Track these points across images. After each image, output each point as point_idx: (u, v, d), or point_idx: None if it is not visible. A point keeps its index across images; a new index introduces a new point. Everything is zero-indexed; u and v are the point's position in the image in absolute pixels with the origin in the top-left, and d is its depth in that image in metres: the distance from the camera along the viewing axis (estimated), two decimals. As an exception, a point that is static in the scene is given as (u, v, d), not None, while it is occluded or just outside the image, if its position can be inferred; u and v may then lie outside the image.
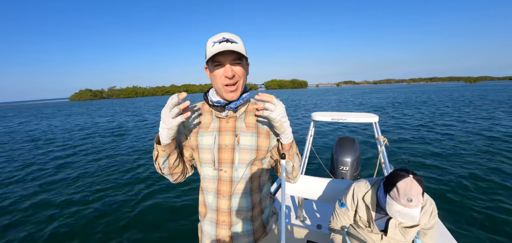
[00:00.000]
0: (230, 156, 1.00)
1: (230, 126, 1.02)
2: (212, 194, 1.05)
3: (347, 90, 75.75)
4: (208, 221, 1.08)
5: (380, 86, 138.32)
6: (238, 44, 0.93)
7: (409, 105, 18.89)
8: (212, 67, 0.94)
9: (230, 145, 1.00)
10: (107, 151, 8.27)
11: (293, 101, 29.53)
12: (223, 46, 0.88)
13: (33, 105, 74.78)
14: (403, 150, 6.74)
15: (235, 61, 0.93)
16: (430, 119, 11.59)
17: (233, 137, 1.01)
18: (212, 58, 0.91)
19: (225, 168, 1.00)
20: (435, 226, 1.35)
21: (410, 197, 1.11)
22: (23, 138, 11.96)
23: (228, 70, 0.91)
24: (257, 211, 1.09)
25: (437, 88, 58.33)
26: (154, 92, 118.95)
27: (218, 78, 0.93)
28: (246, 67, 1.01)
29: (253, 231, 1.08)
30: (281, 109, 0.92)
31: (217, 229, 1.05)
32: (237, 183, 1.02)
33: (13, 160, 7.58)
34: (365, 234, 1.42)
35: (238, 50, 0.90)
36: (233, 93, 0.96)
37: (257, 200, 1.08)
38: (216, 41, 0.91)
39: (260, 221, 1.10)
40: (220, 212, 1.04)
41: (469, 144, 7.00)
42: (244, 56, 0.95)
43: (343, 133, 9.25)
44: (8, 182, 5.65)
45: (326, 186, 1.89)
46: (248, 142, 1.00)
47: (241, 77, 0.96)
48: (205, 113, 1.06)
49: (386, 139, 2.52)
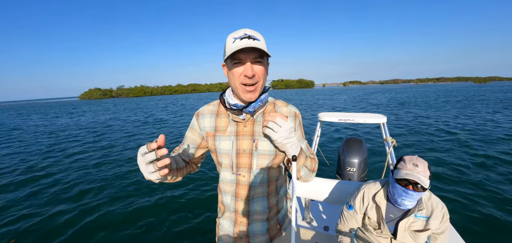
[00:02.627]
0: (248, 161, 0.99)
1: (247, 130, 0.99)
2: (230, 196, 1.05)
3: (355, 90, 74.79)
4: (227, 219, 1.09)
5: (388, 86, 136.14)
6: (261, 41, 0.87)
7: (432, 106, 17.97)
8: (231, 65, 0.89)
9: (248, 150, 0.99)
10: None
11: (306, 101, 29.35)
12: (245, 43, 0.83)
13: (48, 103, 76.77)
14: (413, 152, 6.61)
15: (256, 60, 0.88)
16: (448, 120, 11.21)
17: (251, 141, 0.99)
18: (232, 55, 0.86)
19: (243, 172, 1.00)
20: (446, 231, 1.33)
21: (415, 162, 1.21)
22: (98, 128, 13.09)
23: (248, 70, 0.86)
24: (274, 212, 1.09)
25: (451, 88, 56.75)
26: (162, 92, 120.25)
27: (237, 77, 0.89)
28: (266, 66, 0.96)
29: (269, 230, 1.08)
30: (283, 132, 0.87)
31: (235, 227, 1.07)
32: (255, 188, 1.01)
33: (114, 146, 8.74)
34: (374, 237, 1.41)
35: (260, 47, 0.84)
36: (251, 93, 0.91)
37: (274, 202, 1.08)
38: (237, 37, 0.86)
39: (276, 220, 1.11)
40: (238, 214, 1.05)
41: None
42: (266, 55, 0.90)
43: (357, 134, 9.12)
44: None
45: (333, 187, 1.87)
46: (266, 147, 0.99)
47: (261, 78, 0.91)
48: (221, 115, 1.03)
49: (395, 140, 2.48)
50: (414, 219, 1.31)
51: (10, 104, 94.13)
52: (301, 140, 1.08)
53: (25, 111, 34.79)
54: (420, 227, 1.30)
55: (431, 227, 1.29)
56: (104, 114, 21.83)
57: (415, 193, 1.22)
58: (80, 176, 5.63)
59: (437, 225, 1.29)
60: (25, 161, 7.15)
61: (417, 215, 1.31)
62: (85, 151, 8.02)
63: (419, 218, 1.30)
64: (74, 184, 5.14)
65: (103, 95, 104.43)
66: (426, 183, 1.18)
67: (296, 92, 64.48)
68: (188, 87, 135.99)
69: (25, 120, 19.96)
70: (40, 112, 29.06)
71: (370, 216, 1.41)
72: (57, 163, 6.75)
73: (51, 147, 8.87)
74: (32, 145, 9.44)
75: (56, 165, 6.55)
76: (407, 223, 1.32)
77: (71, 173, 5.88)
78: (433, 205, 1.31)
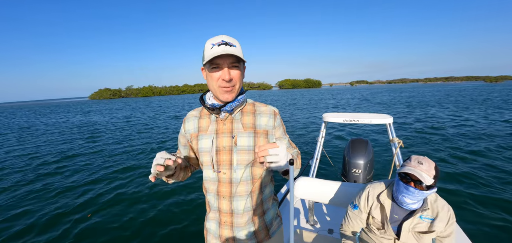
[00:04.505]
0: (228, 157, 1.02)
1: (227, 127, 1.03)
2: (213, 195, 1.07)
3: (362, 90, 73.85)
4: (212, 220, 1.11)
5: (396, 86, 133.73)
6: (237, 47, 0.94)
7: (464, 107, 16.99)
8: (210, 69, 0.95)
9: (227, 147, 1.02)
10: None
11: (324, 100, 29.22)
12: (222, 49, 0.89)
13: (61, 103, 78.96)
14: (420, 153, 6.48)
15: (233, 65, 0.94)
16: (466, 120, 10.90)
17: (230, 138, 1.02)
18: (211, 60, 0.92)
19: (223, 169, 1.02)
20: (452, 235, 1.31)
21: (421, 161, 1.22)
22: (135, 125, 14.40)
23: (226, 74, 0.92)
24: (259, 212, 1.09)
25: (463, 88, 55.30)
26: (170, 92, 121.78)
27: (215, 80, 0.95)
28: (243, 70, 1.02)
29: (255, 233, 1.08)
30: (284, 154, 0.82)
31: (220, 228, 1.08)
32: (237, 185, 1.03)
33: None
34: (377, 239, 1.40)
35: (236, 54, 0.91)
36: (229, 94, 0.97)
37: (259, 201, 1.08)
38: (215, 43, 0.91)
39: (262, 222, 1.11)
40: (222, 213, 1.06)
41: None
42: (242, 60, 0.96)
43: (375, 136, 8.97)
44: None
45: (337, 189, 1.85)
46: (246, 143, 1.02)
47: (237, 81, 0.98)
48: (204, 116, 1.09)
49: (401, 141, 2.44)
50: (418, 220, 1.29)
51: (19, 105, 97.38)
52: (283, 136, 1.12)
53: (48, 110, 35.78)
54: (425, 229, 1.29)
55: (436, 229, 1.27)
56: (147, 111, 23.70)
57: (416, 191, 1.20)
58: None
59: (442, 227, 1.27)
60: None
61: (422, 216, 1.29)
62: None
63: (424, 219, 1.29)
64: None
65: (113, 95, 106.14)
66: (427, 181, 1.16)
67: (302, 92, 64.01)
68: (195, 87, 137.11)
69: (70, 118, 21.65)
70: (72, 111, 29.78)
71: (374, 215, 1.40)
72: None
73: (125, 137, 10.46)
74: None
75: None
76: (411, 224, 1.31)
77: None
78: (438, 207, 1.29)
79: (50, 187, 5.05)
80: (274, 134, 1.07)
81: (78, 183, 5.25)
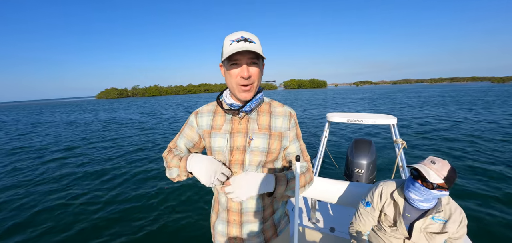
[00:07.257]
0: (241, 157, 1.00)
1: (242, 127, 1.01)
2: (223, 194, 1.06)
3: (368, 90, 73.37)
4: (221, 219, 1.09)
5: (402, 86, 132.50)
6: (256, 44, 0.91)
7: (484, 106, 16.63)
8: (228, 66, 0.93)
9: (241, 147, 1.00)
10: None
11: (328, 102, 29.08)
12: (241, 45, 0.87)
13: (69, 102, 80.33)
14: (425, 153, 6.39)
15: (252, 61, 0.92)
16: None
17: (245, 138, 1.00)
18: (230, 57, 0.90)
19: (235, 169, 1.01)
20: (463, 237, 1.30)
21: (434, 160, 1.20)
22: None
23: (244, 71, 0.90)
24: (268, 212, 1.08)
25: (474, 88, 54.17)
26: (176, 91, 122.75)
27: (234, 77, 0.93)
28: (261, 67, 1.00)
29: (263, 231, 1.07)
30: (243, 188, 0.95)
31: (228, 227, 1.07)
32: None
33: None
34: (387, 238, 1.39)
35: (256, 50, 0.89)
36: (247, 93, 0.95)
37: (269, 201, 1.07)
38: (234, 39, 0.90)
39: (271, 221, 1.09)
40: (231, 212, 1.05)
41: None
42: (261, 57, 0.94)
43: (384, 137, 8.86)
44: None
45: (340, 188, 1.84)
46: (260, 144, 1.00)
47: (256, 79, 0.96)
48: (218, 114, 1.06)
49: (405, 142, 2.40)
50: (431, 221, 1.28)
51: (28, 104, 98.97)
52: (295, 140, 1.08)
53: (63, 109, 36.33)
54: (437, 230, 1.27)
55: (449, 231, 1.25)
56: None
57: (422, 188, 1.19)
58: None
59: (454, 229, 1.25)
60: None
61: (435, 217, 1.27)
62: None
63: (436, 220, 1.27)
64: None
65: (119, 95, 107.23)
66: (433, 179, 1.15)
67: (308, 92, 63.79)
68: (201, 87, 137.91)
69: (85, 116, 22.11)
70: (85, 111, 29.88)
71: (387, 212, 1.38)
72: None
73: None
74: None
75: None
76: (423, 224, 1.29)
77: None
78: (451, 209, 1.28)
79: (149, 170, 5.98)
80: (289, 135, 1.05)
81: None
